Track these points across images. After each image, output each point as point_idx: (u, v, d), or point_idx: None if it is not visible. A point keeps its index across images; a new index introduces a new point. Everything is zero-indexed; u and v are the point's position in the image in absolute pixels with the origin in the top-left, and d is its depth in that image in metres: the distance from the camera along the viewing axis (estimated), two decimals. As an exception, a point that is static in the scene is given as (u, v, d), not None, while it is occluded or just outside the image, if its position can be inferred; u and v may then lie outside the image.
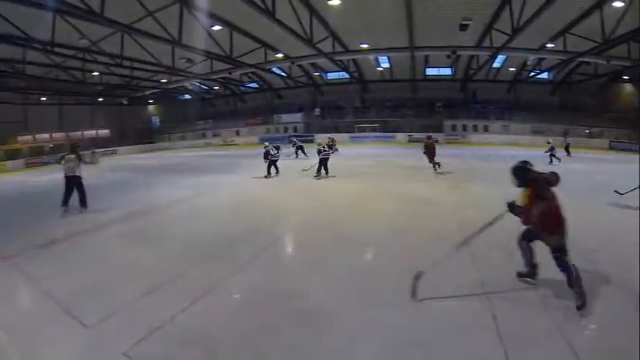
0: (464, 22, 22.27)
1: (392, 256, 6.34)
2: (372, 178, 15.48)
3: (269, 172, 17.19)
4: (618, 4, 18.91)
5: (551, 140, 21.59)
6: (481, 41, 26.55)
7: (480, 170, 18.27)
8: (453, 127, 41.31)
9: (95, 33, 23.11)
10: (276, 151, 17.49)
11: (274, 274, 5.78)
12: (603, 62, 27.41)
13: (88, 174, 20.97)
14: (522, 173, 4.78)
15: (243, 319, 4.40)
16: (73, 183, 11.82)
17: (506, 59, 36.36)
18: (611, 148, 32.43)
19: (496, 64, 37.41)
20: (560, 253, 4.64)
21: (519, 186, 4.82)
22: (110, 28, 21.04)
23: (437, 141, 19.60)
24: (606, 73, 33.91)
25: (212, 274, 5.64)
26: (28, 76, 30.51)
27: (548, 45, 26.24)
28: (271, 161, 17.18)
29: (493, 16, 22.55)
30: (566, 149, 25.29)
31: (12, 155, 37.66)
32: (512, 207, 4.91)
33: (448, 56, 28.95)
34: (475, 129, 40.97)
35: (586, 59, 28.14)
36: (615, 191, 10.41)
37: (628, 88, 37.73)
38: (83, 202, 11.85)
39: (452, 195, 11.34)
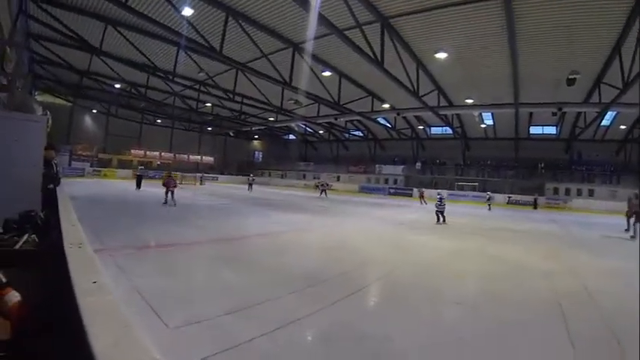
0: (571, 77, 21.03)
1: (478, 314, 5.86)
2: (467, 237, 14.38)
3: None
4: None
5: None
6: (589, 97, 24.41)
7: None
8: (555, 191, 37.72)
9: (213, 68, 24.92)
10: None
11: (358, 317, 5.43)
12: None
13: (190, 194, 22.93)
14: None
15: (320, 355, 4.27)
16: (141, 178, 27.94)
17: (616, 116, 32.58)
18: None
19: (605, 122, 33.64)
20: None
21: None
22: (226, 65, 22.52)
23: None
24: None
25: (296, 307, 5.48)
26: (149, 99, 33.95)
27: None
28: None
29: (602, 69, 20.70)
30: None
31: (124, 165, 43.42)
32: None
33: (554, 113, 27.33)
34: (579, 193, 36.10)
35: None
36: None
37: None
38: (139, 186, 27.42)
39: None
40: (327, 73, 24.98)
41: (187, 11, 16.22)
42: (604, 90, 21.48)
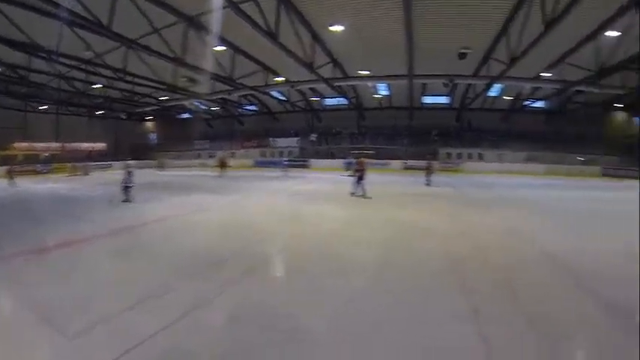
0: (463, 51, 22.63)
1: (378, 281, 6.24)
2: (366, 203, 15.17)
3: None
4: (613, 34, 19.14)
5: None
6: (478, 70, 26.82)
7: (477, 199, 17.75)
8: (448, 155, 41.42)
9: (100, 45, 23.35)
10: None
11: (262, 294, 5.62)
12: (597, 91, 28.84)
13: (78, 186, 21.41)
14: None
15: (228, 338, 4.32)
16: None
17: (502, 88, 37.16)
18: (605, 175, 33.87)
19: (492, 93, 38.17)
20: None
21: None
22: (115, 41, 21.11)
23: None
24: (601, 101, 35.48)
25: (198, 292, 5.55)
26: (30, 83, 30.44)
27: (544, 74, 26.72)
28: None
29: (491, 46, 22.75)
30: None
31: (7, 161, 34.73)
32: None
33: (445, 84, 29.39)
34: (470, 157, 41.37)
35: (581, 88, 28.89)
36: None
37: (621, 115, 39.23)
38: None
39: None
40: (220, 48, 24.34)
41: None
42: (492, 64, 24.85)
